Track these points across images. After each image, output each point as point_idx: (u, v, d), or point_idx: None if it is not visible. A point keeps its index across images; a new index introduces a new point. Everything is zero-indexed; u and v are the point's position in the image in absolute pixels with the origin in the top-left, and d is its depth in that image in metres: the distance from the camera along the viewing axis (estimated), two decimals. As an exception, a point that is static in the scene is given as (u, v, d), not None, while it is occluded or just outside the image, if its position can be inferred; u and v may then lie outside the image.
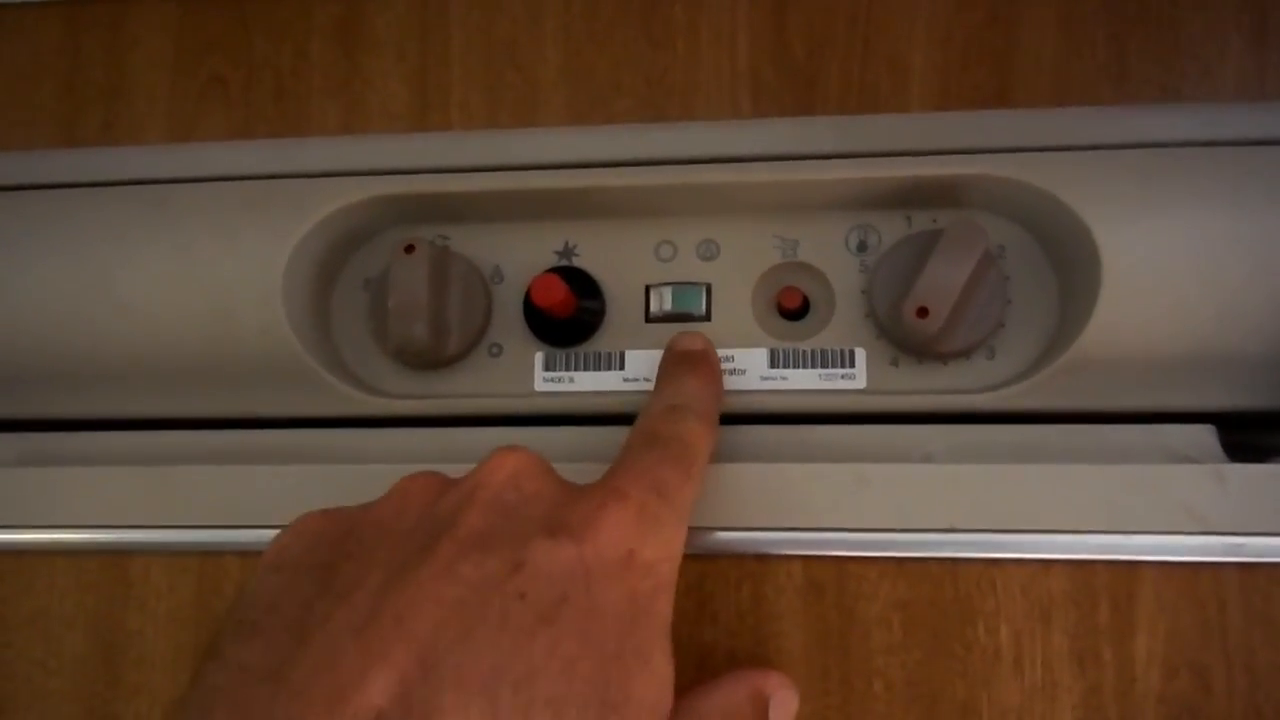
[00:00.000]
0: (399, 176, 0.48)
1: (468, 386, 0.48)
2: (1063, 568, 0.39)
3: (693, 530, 0.41)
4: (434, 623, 0.29)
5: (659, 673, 0.32)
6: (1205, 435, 0.42)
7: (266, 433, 0.48)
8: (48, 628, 0.45)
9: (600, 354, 0.48)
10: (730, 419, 0.46)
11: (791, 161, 0.46)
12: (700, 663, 0.41)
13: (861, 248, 0.47)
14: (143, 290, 0.48)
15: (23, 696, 0.45)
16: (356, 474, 0.45)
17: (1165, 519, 0.38)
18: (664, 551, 0.33)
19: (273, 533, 0.44)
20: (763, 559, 0.41)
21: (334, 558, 0.34)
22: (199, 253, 0.48)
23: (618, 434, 0.46)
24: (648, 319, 0.48)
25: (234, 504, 0.45)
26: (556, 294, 0.45)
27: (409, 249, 0.46)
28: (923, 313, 0.42)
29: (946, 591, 0.39)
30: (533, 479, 0.35)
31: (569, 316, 0.47)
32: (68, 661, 0.45)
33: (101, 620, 0.45)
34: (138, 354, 0.48)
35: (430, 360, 0.48)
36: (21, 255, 0.49)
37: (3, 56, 0.54)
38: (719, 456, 0.44)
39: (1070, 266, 0.44)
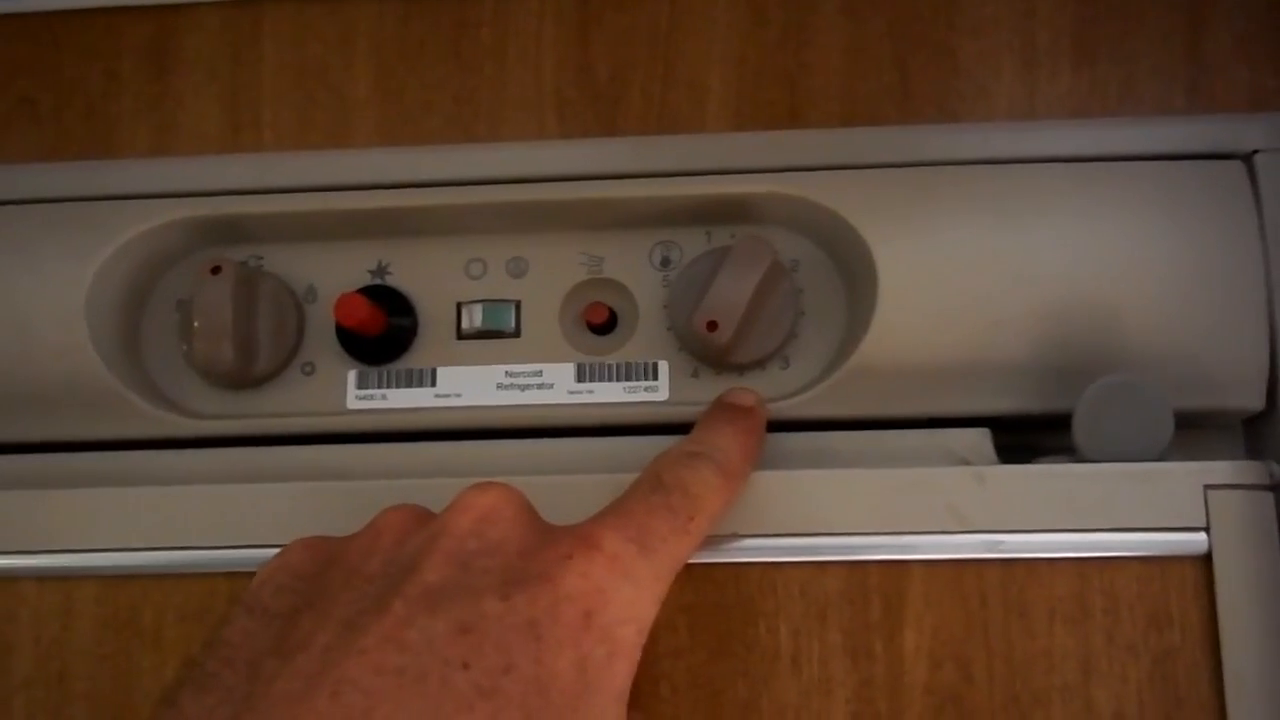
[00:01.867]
0: (208, 198, 0.48)
1: (281, 405, 0.49)
2: (838, 568, 0.41)
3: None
4: (368, 697, 0.29)
5: None
6: (980, 439, 0.45)
7: (70, 456, 0.47)
8: None
9: (412, 371, 0.48)
10: (537, 432, 0.47)
11: (596, 181, 0.48)
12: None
13: (665, 263, 0.48)
14: (-59, 314, 0.47)
15: None
16: (161, 496, 0.45)
17: (931, 519, 0.40)
18: (627, 613, 0.32)
19: (70, 557, 0.44)
20: (554, 569, 0.42)
21: (298, 603, 0.34)
22: (1, 276, 0.47)
23: (430, 450, 0.47)
24: (459, 335, 0.49)
25: (32, 528, 0.44)
26: (360, 312, 0.46)
27: (215, 270, 0.47)
28: (712, 326, 0.44)
29: (730, 595, 0.41)
30: (499, 524, 0.34)
31: (379, 334, 0.47)
32: None
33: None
34: (-64, 379, 0.47)
35: (240, 380, 0.48)
36: None
37: None
38: (517, 468, 0.45)
39: (855, 279, 0.46)
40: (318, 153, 0.50)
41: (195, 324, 0.46)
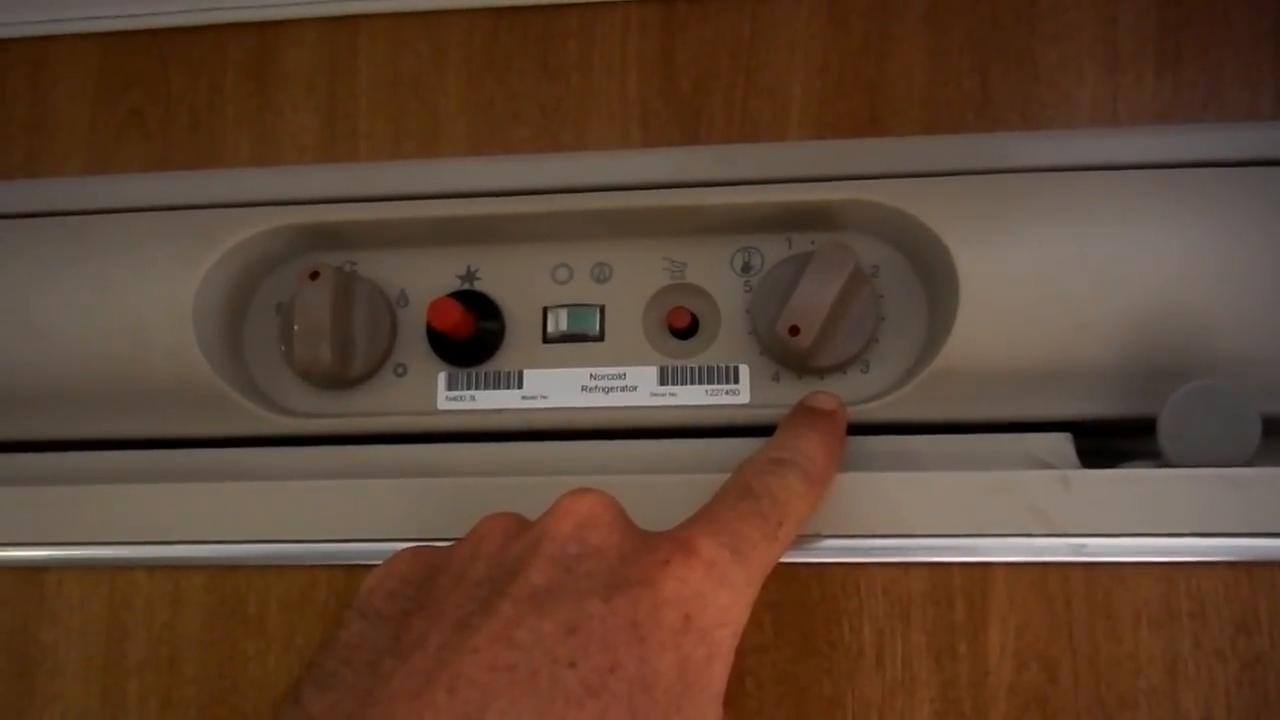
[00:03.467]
0: (306, 206, 0.50)
1: (375, 405, 0.51)
2: (921, 569, 0.41)
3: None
4: (484, 692, 0.30)
5: None
6: (1062, 443, 0.45)
7: (178, 452, 0.50)
8: (-36, 643, 0.47)
9: (500, 373, 0.50)
10: (621, 434, 0.48)
11: (679, 188, 0.49)
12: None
13: (746, 269, 0.49)
14: (59, 318, 0.50)
15: (-61, 710, 0.47)
16: (264, 491, 0.47)
17: (1014, 522, 0.41)
18: (724, 617, 0.33)
19: (180, 548, 0.46)
20: (642, 566, 0.43)
21: (409, 606, 0.35)
22: (113, 281, 0.50)
23: (517, 450, 0.49)
24: (545, 339, 0.50)
25: (144, 521, 0.47)
26: (452, 316, 0.47)
27: (314, 275, 0.49)
28: (794, 330, 0.45)
29: (814, 593, 0.42)
30: (598, 529, 0.34)
31: (468, 337, 0.49)
32: (-17, 675, 0.46)
33: (16, 634, 0.46)
34: (54, 379, 0.50)
35: (336, 381, 0.50)
36: (-57, 285, 0.50)
37: (-70, 93, 0.56)
38: (601, 469, 0.46)
39: (936, 285, 0.47)
40: (410, 162, 0.52)
41: (295, 327, 0.48)
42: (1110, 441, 0.46)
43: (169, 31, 0.55)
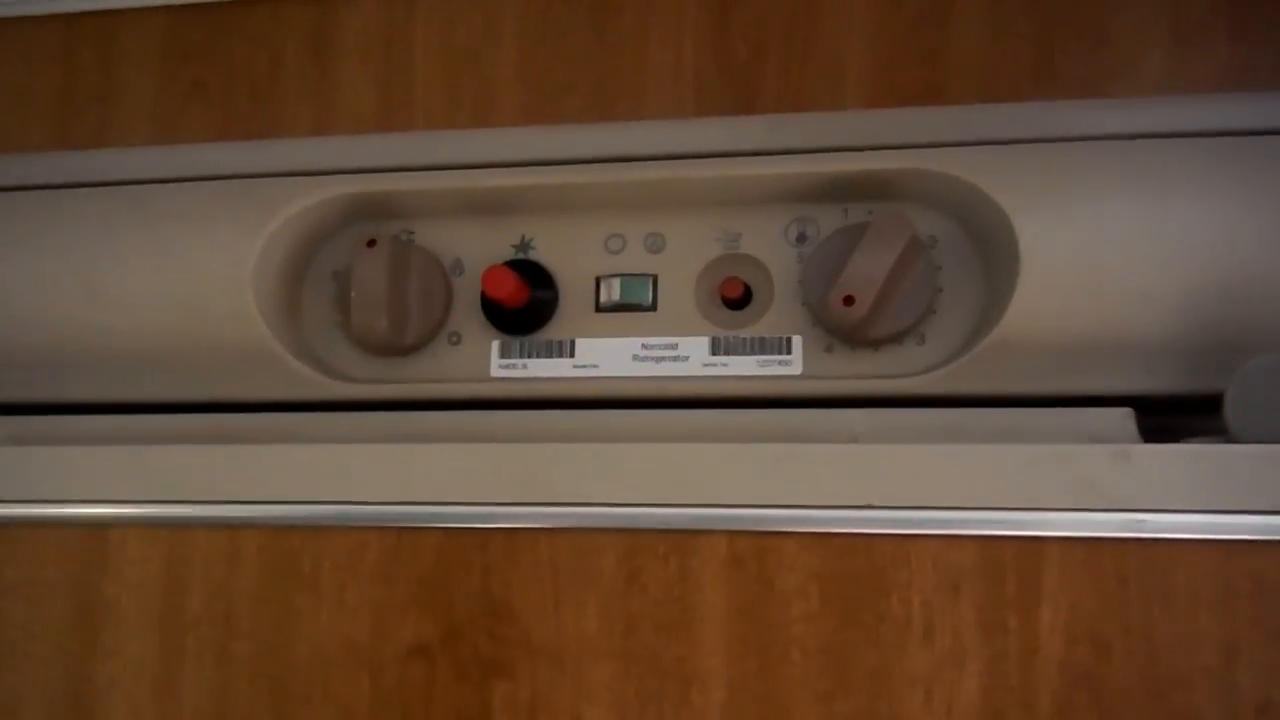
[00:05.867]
0: (363, 175, 0.51)
1: (428, 372, 0.51)
2: (972, 542, 0.41)
3: (623, 506, 0.44)
4: None
5: None
6: (1123, 418, 0.44)
7: (237, 416, 0.51)
8: (32, 594, 0.48)
9: (552, 342, 0.50)
10: (672, 403, 0.48)
11: (734, 158, 0.49)
12: (627, 631, 0.43)
13: (801, 239, 0.49)
14: (123, 283, 0.51)
15: (8, 659, 0.48)
16: (320, 454, 0.48)
17: (1069, 496, 0.40)
18: None
19: (239, 507, 0.47)
20: (689, 534, 0.43)
21: None
22: (176, 248, 0.51)
23: (567, 418, 0.49)
24: (597, 308, 0.50)
25: (203, 481, 0.48)
26: (507, 285, 0.48)
27: (370, 244, 0.49)
28: (848, 301, 0.44)
29: (862, 564, 0.41)
30: None
31: (522, 306, 0.49)
32: (49, 627, 0.48)
33: (80, 588, 0.48)
34: (118, 343, 0.51)
35: (391, 348, 0.50)
36: (13, 252, 0.52)
37: (3, 66, 0.58)
38: (652, 437, 0.46)
39: (994, 256, 0.46)
40: (465, 132, 0.52)
41: (352, 295, 0.49)
42: (1174, 418, 0.45)
43: (231, 4, 0.56)
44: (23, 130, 0.56)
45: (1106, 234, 0.44)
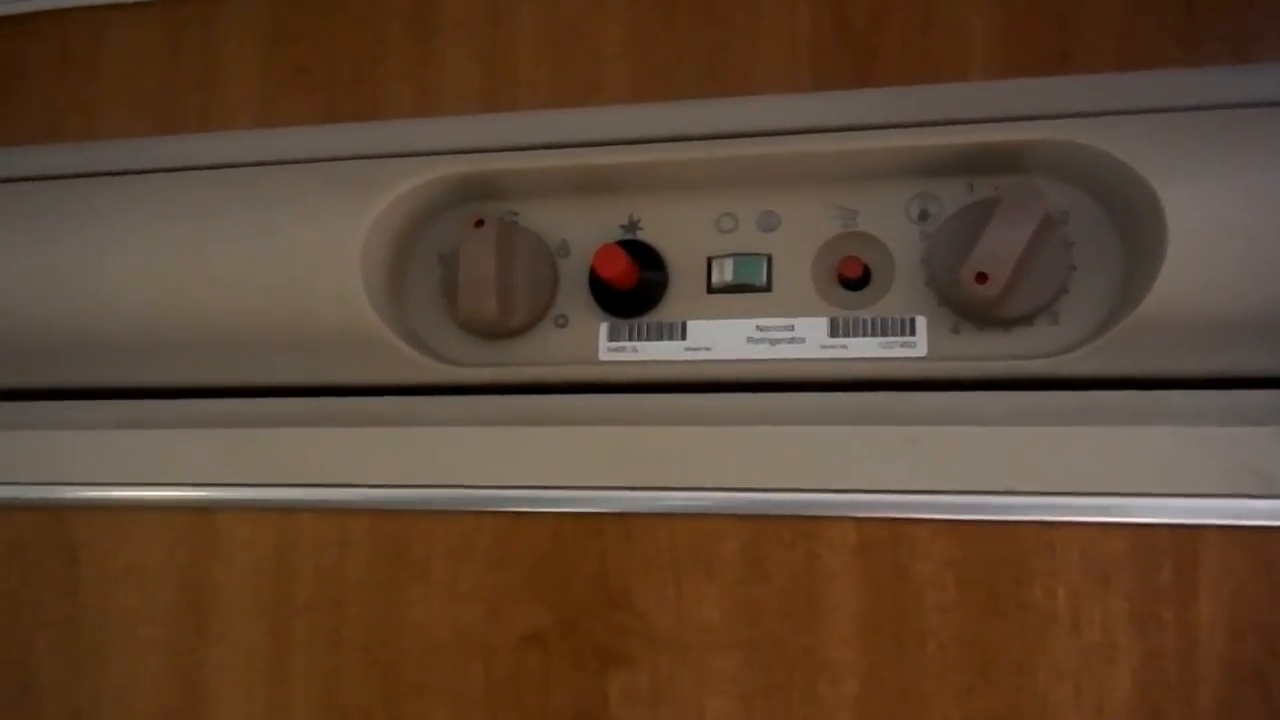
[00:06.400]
0: (468, 155, 0.50)
1: (535, 356, 0.50)
2: (1122, 530, 0.38)
3: (746, 491, 0.42)
4: None
5: None
6: (1278, 400, 0.41)
7: (344, 399, 0.50)
8: (142, 579, 0.48)
9: (663, 324, 0.49)
10: (791, 386, 0.47)
11: (851, 132, 0.47)
12: (751, 620, 0.41)
13: (923, 216, 0.47)
14: (230, 266, 0.50)
15: (119, 643, 0.48)
16: (426, 437, 0.47)
17: (1229, 482, 0.38)
18: None
19: (347, 491, 0.47)
20: (815, 520, 0.41)
21: None
22: (282, 230, 0.50)
23: (680, 402, 0.47)
24: (709, 289, 0.49)
25: (311, 464, 0.47)
26: (619, 265, 0.46)
27: (478, 224, 0.48)
28: (982, 278, 0.42)
29: (1002, 552, 0.39)
30: None
31: (632, 287, 0.48)
32: (159, 611, 0.48)
33: (189, 572, 0.48)
34: (225, 325, 0.51)
35: (498, 331, 0.49)
36: (124, 235, 0.52)
37: (109, 53, 0.58)
38: (773, 421, 0.45)
39: (1135, 230, 0.43)
40: (571, 110, 0.51)
41: (460, 277, 0.48)
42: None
43: (334, -15, 0.55)
44: (129, 116, 0.56)
45: (1258, 205, 0.41)
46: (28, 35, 0.59)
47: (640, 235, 0.50)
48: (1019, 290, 0.43)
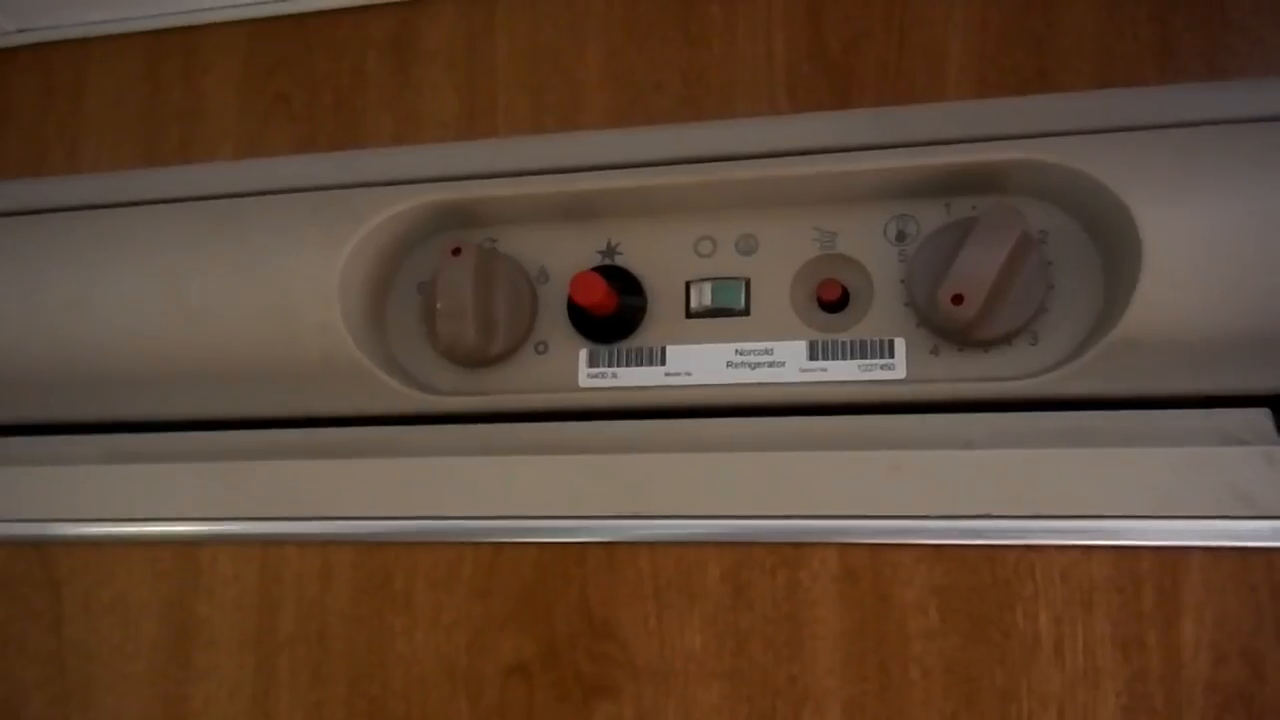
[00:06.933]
0: (446, 184, 0.50)
1: (517, 383, 0.50)
2: (1104, 553, 0.38)
3: (728, 519, 0.42)
4: None
5: None
6: (1260, 419, 0.41)
7: (325, 430, 0.50)
8: (126, 614, 0.48)
9: (642, 349, 0.49)
10: (770, 410, 0.46)
11: (828, 154, 0.47)
12: (736, 649, 0.41)
13: (900, 237, 0.47)
14: (212, 297, 0.50)
15: (103, 679, 0.48)
16: (408, 468, 0.47)
17: (1212, 503, 0.37)
18: None
19: (329, 524, 0.47)
20: (797, 546, 0.41)
21: None
22: (264, 260, 0.50)
23: (660, 428, 0.47)
24: (688, 314, 0.49)
25: (294, 497, 0.47)
26: (596, 292, 0.46)
27: (456, 251, 0.48)
28: (958, 299, 0.42)
29: (984, 577, 0.39)
30: None
31: (611, 314, 0.48)
32: (144, 646, 0.47)
33: (174, 607, 0.47)
34: (207, 358, 0.51)
35: (478, 358, 0.49)
36: (104, 269, 0.52)
37: (91, 85, 0.58)
38: (748, 446, 0.44)
39: (1113, 249, 0.43)
40: (549, 136, 0.51)
41: (438, 305, 0.48)
42: (1314, 418, 0.42)
43: (312, 15, 0.55)
44: (111, 148, 0.57)
45: (1235, 223, 0.41)
46: (11, 68, 0.60)
47: (619, 260, 0.50)
48: (996, 311, 0.43)
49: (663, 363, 0.48)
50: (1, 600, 0.50)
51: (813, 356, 0.47)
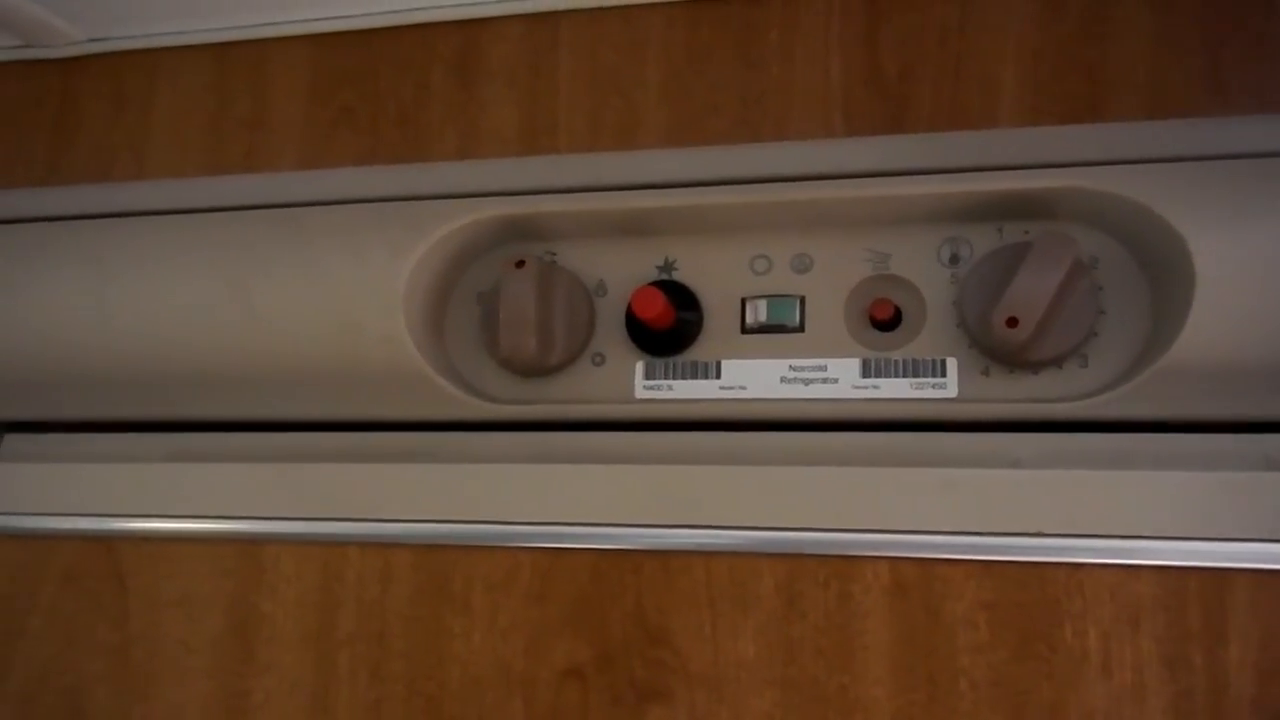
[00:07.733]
0: (509, 198, 0.52)
1: (574, 393, 0.51)
2: (1151, 573, 0.39)
3: (781, 530, 0.43)
4: None
5: None
6: (1306, 445, 0.42)
7: (385, 434, 0.52)
8: (190, 610, 0.50)
9: (698, 363, 0.50)
10: (823, 426, 0.48)
11: (883, 178, 0.48)
12: (787, 658, 0.42)
13: (953, 260, 0.48)
14: (276, 304, 0.52)
15: (167, 673, 0.49)
16: (468, 473, 0.48)
17: (1258, 526, 0.38)
18: None
19: (389, 526, 0.48)
20: (849, 559, 0.42)
21: None
22: (327, 269, 0.52)
23: (715, 440, 0.49)
24: (743, 330, 0.50)
25: (355, 499, 0.49)
26: (656, 306, 0.48)
27: (519, 264, 0.50)
28: (1012, 322, 0.43)
29: (1033, 594, 0.40)
30: None
31: (668, 327, 0.49)
32: (207, 641, 0.49)
33: (237, 603, 0.49)
34: (271, 362, 0.52)
35: (537, 369, 0.51)
36: (171, 273, 0.54)
37: (159, 95, 0.60)
38: (810, 460, 0.46)
39: (1164, 276, 0.44)
40: (609, 154, 0.52)
41: (501, 315, 0.49)
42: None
43: (378, 31, 0.57)
44: (178, 157, 0.58)
45: (1285, 253, 0.42)
46: (83, 76, 0.62)
47: (676, 276, 0.51)
48: (1048, 334, 0.44)
49: (718, 376, 0.50)
50: (69, 593, 0.52)
51: (866, 374, 0.48)
